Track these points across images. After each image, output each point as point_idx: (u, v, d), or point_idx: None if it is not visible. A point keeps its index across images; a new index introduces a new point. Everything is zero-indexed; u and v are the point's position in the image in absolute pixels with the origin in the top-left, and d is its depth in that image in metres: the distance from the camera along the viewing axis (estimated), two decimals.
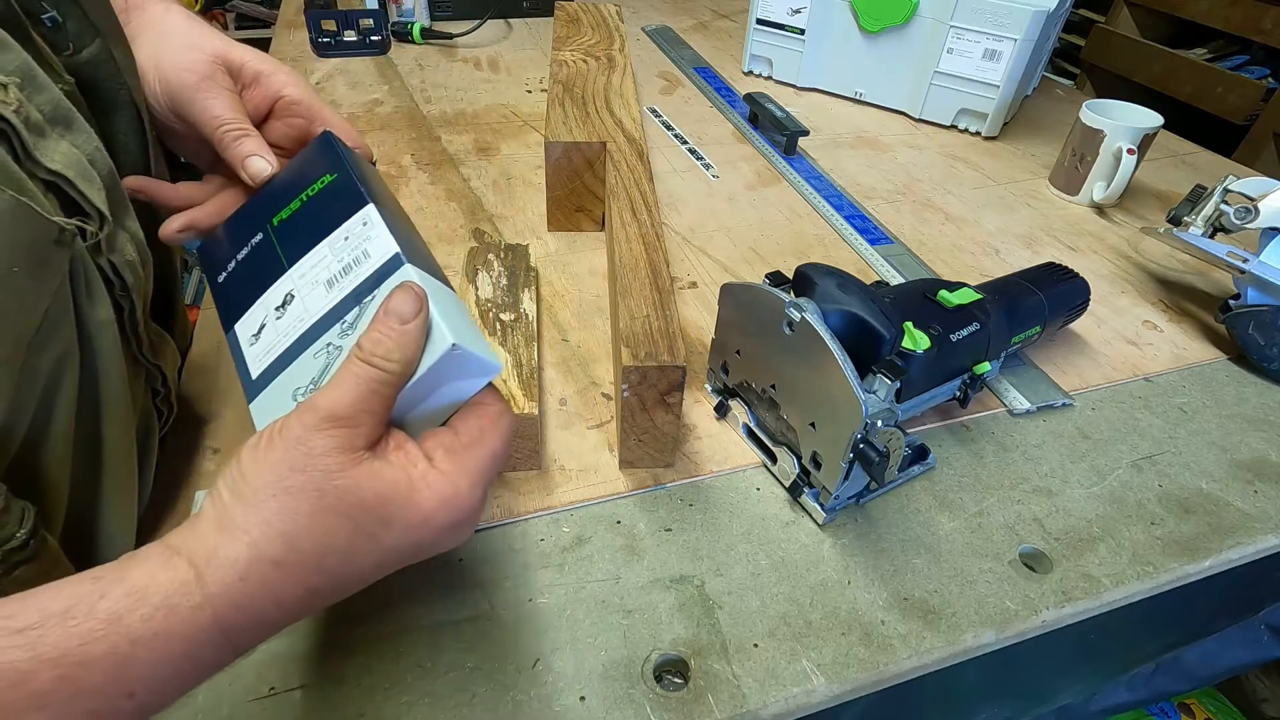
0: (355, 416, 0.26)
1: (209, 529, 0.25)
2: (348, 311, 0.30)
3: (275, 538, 0.25)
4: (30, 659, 0.21)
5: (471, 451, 0.29)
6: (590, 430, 0.49)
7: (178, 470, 0.44)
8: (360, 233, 0.31)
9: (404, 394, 0.28)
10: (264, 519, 0.25)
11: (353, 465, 0.26)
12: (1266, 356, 0.58)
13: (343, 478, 0.26)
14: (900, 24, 0.90)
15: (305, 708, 0.34)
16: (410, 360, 0.28)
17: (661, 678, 0.36)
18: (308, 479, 0.25)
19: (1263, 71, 1.65)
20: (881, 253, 0.69)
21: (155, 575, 0.24)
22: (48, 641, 0.21)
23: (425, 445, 0.28)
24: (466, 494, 0.28)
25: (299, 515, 0.25)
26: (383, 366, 0.27)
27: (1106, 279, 0.69)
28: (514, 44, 1.11)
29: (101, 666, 0.22)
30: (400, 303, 0.28)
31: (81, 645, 0.22)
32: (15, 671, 0.21)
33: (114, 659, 0.22)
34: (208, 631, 0.24)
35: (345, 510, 0.26)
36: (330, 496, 0.25)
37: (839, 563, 0.42)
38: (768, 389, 0.45)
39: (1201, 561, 0.44)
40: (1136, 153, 0.75)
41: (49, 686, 0.21)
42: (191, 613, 0.24)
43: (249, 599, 0.25)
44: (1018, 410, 0.54)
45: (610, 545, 0.42)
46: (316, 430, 0.26)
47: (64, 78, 0.34)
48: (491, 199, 0.73)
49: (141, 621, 0.23)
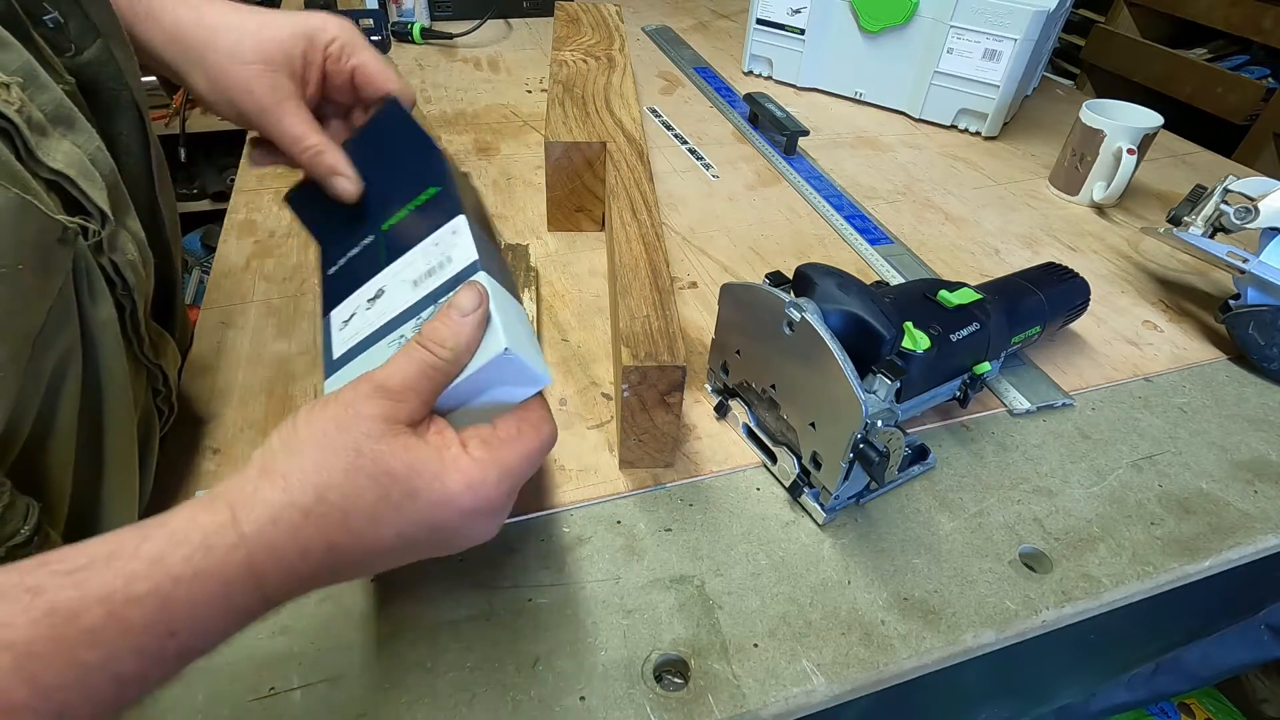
0: (403, 392, 0.28)
1: (253, 473, 0.27)
2: (424, 309, 0.33)
3: (309, 487, 0.26)
4: (79, 597, 0.22)
5: (506, 447, 0.30)
6: (590, 430, 0.49)
7: (178, 470, 0.44)
8: (449, 240, 0.34)
9: (453, 389, 0.30)
10: (302, 468, 0.26)
11: (391, 435, 0.27)
12: (1266, 356, 0.58)
13: (379, 443, 0.27)
14: (900, 24, 0.90)
15: (305, 708, 0.34)
16: (462, 350, 0.29)
17: (661, 678, 0.36)
18: (348, 438, 0.27)
19: (1263, 71, 1.65)
20: (881, 253, 0.69)
21: (196, 517, 0.25)
22: (95, 581, 0.22)
23: (463, 434, 0.30)
24: (494, 485, 0.29)
25: (333, 470, 0.27)
26: (435, 351, 0.29)
27: (1106, 279, 0.69)
28: (514, 44, 1.11)
29: (146, 604, 0.23)
30: (463, 298, 0.30)
31: (127, 584, 0.23)
32: (67, 609, 0.22)
33: (157, 597, 0.23)
34: (242, 574, 0.25)
35: (375, 474, 0.27)
36: (364, 458, 0.27)
37: (839, 563, 0.42)
38: (768, 389, 0.45)
39: (1201, 561, 0.44)
40: (1136, 153, 0.75)
41: (98, 623, 0.22)
42: (227, 552, 0.25)
43: (278, 544, 0.26)
44: (1018, 410, 0.54)
45: (610, 545, 0.42)
46: (366, 397, 0.28)
47: (65, 78, 0.34)
48: (491, 199, 0.73)
49: (182, 561, 0.24)
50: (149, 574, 0.23)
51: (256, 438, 0.46)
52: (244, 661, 0.36)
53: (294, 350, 0.53)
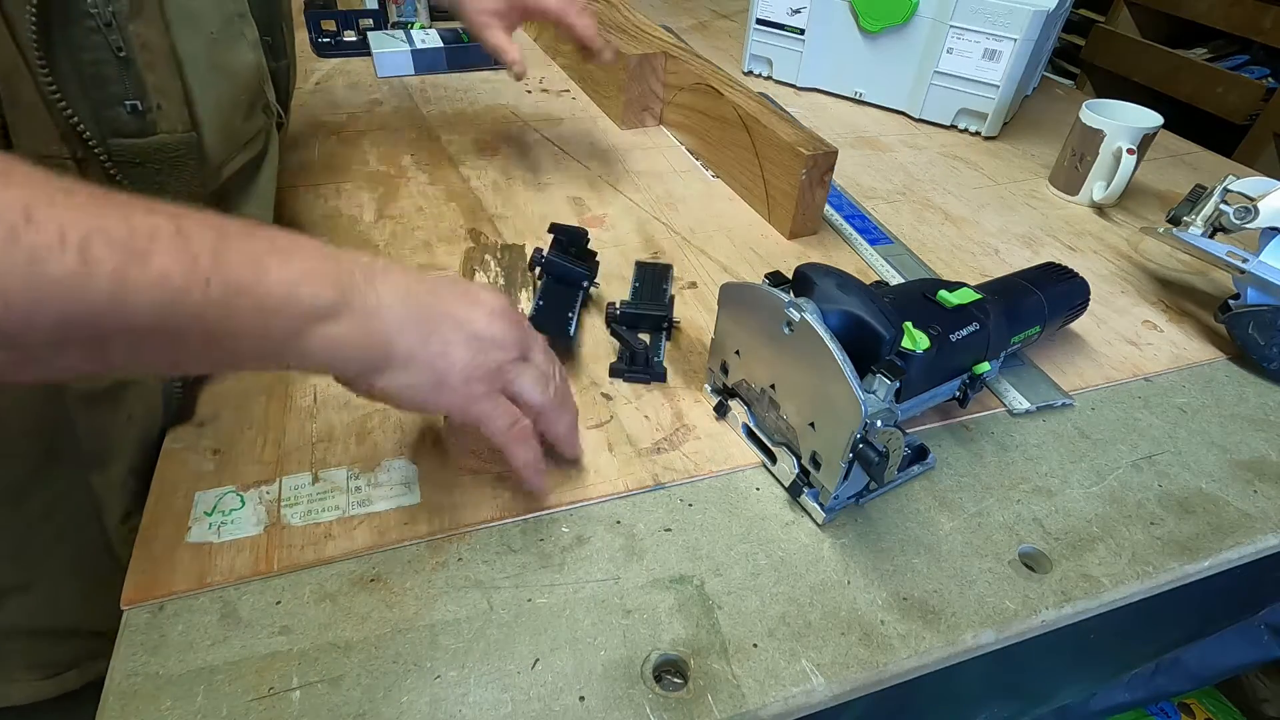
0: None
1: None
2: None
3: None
4: (153, 210, 0.27)
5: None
6: (590, 430, 0.49)
7: (178, 470, 0.44)
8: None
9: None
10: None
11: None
12: (1266, 356, 0.58)
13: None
14: (900, 24, 0.90)
15: (305, 708, 0.34)
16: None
17: (661, 678, 0.36)
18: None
19: (1263, 71, 1.65)
20: (881, 253, 0.69)
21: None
22: (167, 210, 0.27)
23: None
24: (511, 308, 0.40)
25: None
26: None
27: (1106, 279, 0.69)
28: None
29: (202, 219, 0.28)
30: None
31: (190, 213, 0.28)
32: (144, 208, 0.26)
33: (212, 222, 0.28)
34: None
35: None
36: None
37: (839, 563, 0.42)
38: (767, 389, 0.45)
39: (1201, 561, 0.44)
40: (1136, 153, 0.75)
41: (164, 221, 0.27)
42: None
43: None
44: (1017, 410, 0.54)
45: (610, 545, 0.42)
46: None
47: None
48: (491, 199, 0.73)
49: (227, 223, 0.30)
50: (207, 217, 0.29)
51: (256, 438, 0.46)
52: (244, 662, 0.36)
53: None
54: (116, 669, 0.35)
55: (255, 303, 0.29)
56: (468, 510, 0.43)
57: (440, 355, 0.35)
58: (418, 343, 0.34)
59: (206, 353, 0.29)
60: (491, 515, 0.43)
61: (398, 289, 0.34)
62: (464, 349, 0.36)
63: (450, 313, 0.36)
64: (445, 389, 0.36)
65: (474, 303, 0.37)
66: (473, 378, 0.36)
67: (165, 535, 0.40)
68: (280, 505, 0.42)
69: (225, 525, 0.41)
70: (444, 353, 0.35)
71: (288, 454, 0.45)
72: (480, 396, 0.37)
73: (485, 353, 0.37)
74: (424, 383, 0.35)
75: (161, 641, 0.36)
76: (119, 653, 0.35)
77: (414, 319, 0.34)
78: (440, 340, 0.35)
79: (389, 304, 0.33)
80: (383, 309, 0.33)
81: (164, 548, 0.40)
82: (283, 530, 0.41)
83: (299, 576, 0.39)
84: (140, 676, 0.35)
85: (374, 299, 0.33)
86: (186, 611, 0.37)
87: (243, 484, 0.43)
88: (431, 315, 0.35)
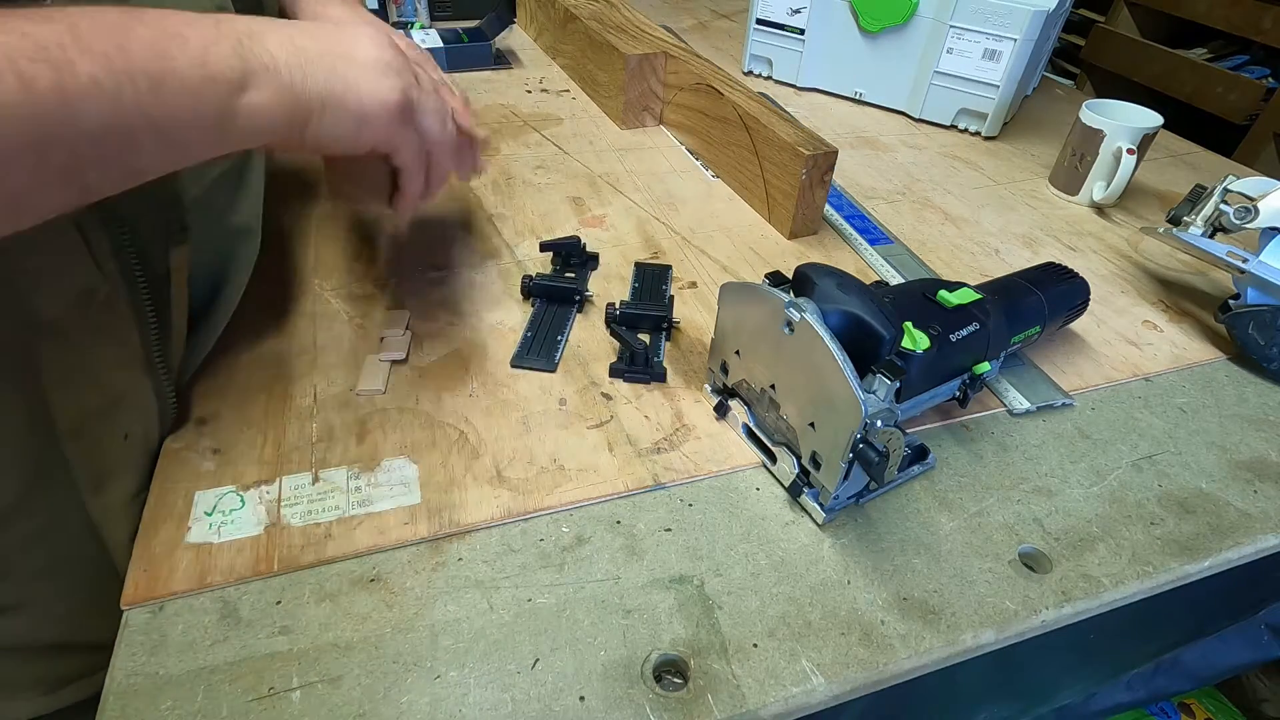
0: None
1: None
2: None
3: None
4: (47, 18, 0.27)
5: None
6: (590, 430, 0.49)
7: (178, 470, 0.44)
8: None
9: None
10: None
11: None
12: (1266, 356, 0.58)
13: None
14: (900, 24, 0.90)
15: (305, 708, 0.34)
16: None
17: (661, 678, 0.36)
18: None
19: (1263, 71, 1.65)
20: (881, 253, 0.69)
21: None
22: (52, 16, 0.27)
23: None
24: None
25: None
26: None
27: (1106, 279, 0.69)
28: (514, 44, 1.11)
29: (92, 17, 0.28)
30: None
31: (73, 12, 0.28)
32: (30, 16, 0.27)
33: (102, 20, 0.29)
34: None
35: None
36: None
37: (839, 563, 0.42)
38: (767, 389, 0.45)
39: (1201, 561, 0.44)
40: (1136, 153, 0.75)
41: (61, 28, 0.27)
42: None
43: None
44: (1017, 410, 0.54)
45: (610, 545, 0.42)
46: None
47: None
48: (491, 199, 0.73)
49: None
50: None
51: (256, 437, 0.46)
52: (243, 662, 0.36)
53: (294, 350, 0.53)
54: (116, 669, 0.35)
55: (179, 86, 0.30)
56: (468, 510, 0.43)
57: (348, 92, 0.37)
58: (323, 86, 0.36)
59: (161, 150, 0.31)
60: (491, 515, 0.43)
61: (283, 42, 0.35)
62: (367, 82, 0.38)
63: (334, 50, 0.37)
64: (367, 125, 0.38)
65: (354, 36, 0.39)
66: (388, 105, 0.39)
67: (165, 535, 0.40)
68: (280, 505, 0.42)
69: (225, 525, 0.41)
70: (350, 89, 0.37)
71: (288, 454, 0.45)
72: (399, 127, 0.40)
73: (386, 77, 0.39)
74: (347, 121, 0.37)
75: (161, 641, 0.36)
76: (119, 653, 0.35)
77: (307, 65, 0.36)
78: (340, 79, 0.37)
79: (282, 59, 0.35)
80: (279, 65, 0.35)
81: (164, 548, 0.40)
82: (283, 530, 0.41)
83: (299, 576, 0.39)
84: (140, 676, 0.35)
85: (268, 57, 0.34)
86: (186, 611, 0.37)
87: (243, 484, 0.43)
88: (320, 57, 0.36)
